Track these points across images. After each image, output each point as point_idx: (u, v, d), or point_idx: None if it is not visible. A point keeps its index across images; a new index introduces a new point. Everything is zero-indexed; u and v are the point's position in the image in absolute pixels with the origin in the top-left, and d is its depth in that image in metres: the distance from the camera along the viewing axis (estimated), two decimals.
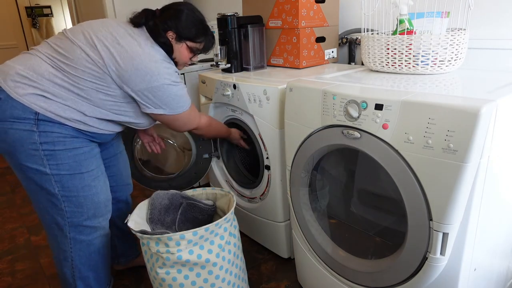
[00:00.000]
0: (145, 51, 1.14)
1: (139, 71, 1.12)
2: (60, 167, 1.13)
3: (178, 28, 1.21)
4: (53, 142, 1.11)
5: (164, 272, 1.14)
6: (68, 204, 1.18)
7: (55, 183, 1.14)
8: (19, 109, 1.06)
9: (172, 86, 1.18)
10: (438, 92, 0.94)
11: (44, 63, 1.10)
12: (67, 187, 1.16)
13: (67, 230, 1.21)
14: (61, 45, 1.13)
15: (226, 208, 1.37)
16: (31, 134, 1.08)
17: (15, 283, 1.63)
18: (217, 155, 1.82)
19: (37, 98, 1.08)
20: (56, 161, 1.12)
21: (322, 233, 1.27)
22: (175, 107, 1.22)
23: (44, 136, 1.09)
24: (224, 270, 1.19)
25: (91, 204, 1.21)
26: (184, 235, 1.09)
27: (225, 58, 1.72)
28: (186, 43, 1.24)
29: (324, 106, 1.08)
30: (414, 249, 0.94)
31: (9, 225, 2.14)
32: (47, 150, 1.11)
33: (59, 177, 1.14)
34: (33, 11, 4.52)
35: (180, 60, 1.27)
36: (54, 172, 1.13)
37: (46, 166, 1.12)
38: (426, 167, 0.86)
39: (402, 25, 1.17)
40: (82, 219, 1.21)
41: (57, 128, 1.10)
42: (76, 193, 1.17)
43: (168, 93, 1.18)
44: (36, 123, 1.08)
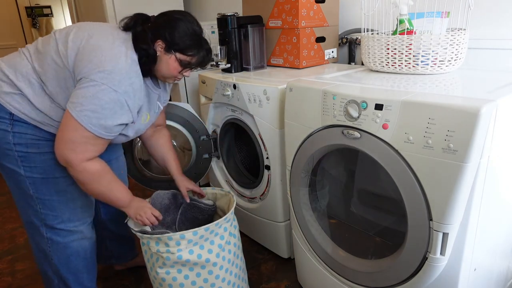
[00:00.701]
0: (112, 50, 1.03)
1: (91, 64, 1.00)
2: (33, 170, 1.10)
3: (168, 38, 1.08)
4: (26, 144, 1.08)
5: (164, 272, 1.14)
6: (42, 207, 1.15)
7: (29, 185, 1.12)
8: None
9: (109, 92, 0.99)
10: (438, 92, 0.94)
11: (25, 61, 1.07)
12: (40, 190, 1.13)
13: (43, 231, 1.19)
14: (44, 41, 1.09)
15: (226, 208, 1.37)
16: (6, 134, 1.06)
17: (15, 283, 1.63)
18: (217, 155, 1.82)
19: (13, 98, 1.05)
20: (29, 163, 1.10)
21: (322, 233, 1.27)
22: (79, 109, 0.99)
23: (18, 137, 1.07)
24: (224, 270, 1.19)
25: (65, 209, 1.18)
26: (184, 235, 1.09)
27: (225, 58, 1.72)
28: (176, 54, 1.10)
29: (324, 106, 1.08)
30: (414, 249, 0.94)
31: (9, 225, 2.14)
32: (21, 152, 1.08)
33: (33, 180, 1.12)
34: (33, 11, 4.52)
35: (167, 72, 1.13)
36: (27, 174, 1.11)
37: (20, 167, 1.10)
38: (426, 167, 0.86)
39: (402, 25, 1.17)
40: (56, 222, 1.18)
41: (31, 130, 1.08)
42: (49, 197, 1.14)
43: (95, 94, 0.99)
44: (11, 123, 1.06)
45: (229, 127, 1.72)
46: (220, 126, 1.74)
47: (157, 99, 1.24)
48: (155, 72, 1.14)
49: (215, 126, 1.78)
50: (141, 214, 1.20)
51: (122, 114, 1.04)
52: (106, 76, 0.99)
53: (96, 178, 1.08)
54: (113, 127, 1.04)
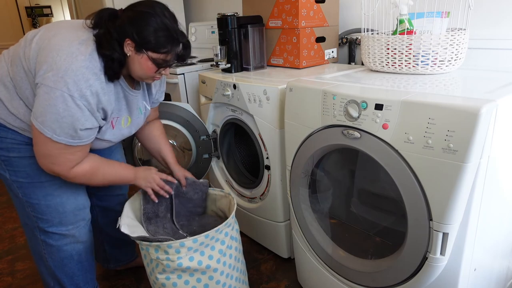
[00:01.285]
0: (70, 48, 0.94)
1: (46, 64, 0.93)
2: (18, 174, 1.09)
3: (137, 36, 0.96)
4: (7, 148, 1.06)
5: (164, 278, 1.13)
6: (32, 210, 1.14)
7: (17, 189, 1.11)
8: None
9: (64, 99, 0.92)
10: (438, 92, 0.94)
11: (2, 63, 1.04)
12: (28, 194, 1.11)
13: (38, 233, 1.18)
14: (18, 42, 1.05)
15: (227, 210, 1.36)
16: None
17: (15, 283, 1.63)
18: (217, 155, 1.82)
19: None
20: (13, 167, 1.08)
21: (322, 233, 1.26)
22: (41, 121, 0.94)
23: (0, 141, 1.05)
24: (225, 275, 1.18)
25: (55, 213, 1.15)
26: (184, 242, 1.07)
27: (225, 58, 1.72)
28: (148, 54, 0.99)
29: (324, 106, 1.08)
30: (414, 249, 0.94)
31: (9, 225, 2.14)
32: (3, 156, 1.07)
33: (19, 184, 1.10)
34: (33, 11, 4.52)
35: (141, 73, 1.03)
36: (13, 178, 1.09)
37: (5, 171, 1.09)
38: (426, 167, 0.86)
39: (402, 25, 1.17)
40: (47, 226, 1.16)
41: (11, 134, 1.05)
42: (37, 201, 1.12)
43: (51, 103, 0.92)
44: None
45: (229, 127, 1.72)
46: (220, 126, 1.73)
47: (142, 100, 1.19)
48: (131, 74, 1.05)
49: (215, 126, 1.78)
50: (151, 182, 1.22)
51: (86, 120, 0.97)
52: (59, 80, 0.91)
53: (90, 176, 1.07)
54: (80, 133, 0.98)
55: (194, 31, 2.64)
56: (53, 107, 0.92)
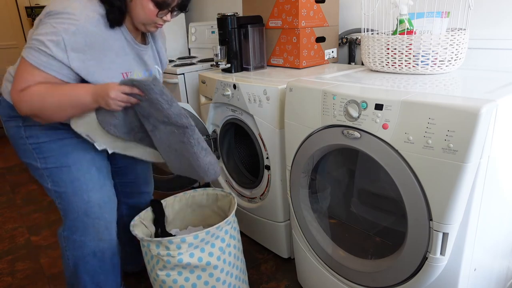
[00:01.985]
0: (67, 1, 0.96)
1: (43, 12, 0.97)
2: (47, 160, 1.11)
3: None
4: (37, 135, 1.10)
5: (165, 274, 1.13)
6: (60, 201, 1.15)
7: (47, 178, 1.13)
8: (9, 108, 1.08)
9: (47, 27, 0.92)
10: (438, 92, 0.94)
11: None
12: (56, 181, 1.12)
13: (62, 227, 1.19)
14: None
15: (227, 209, 1.37)
16: (19, 130, 1.10)
17: (15, 283, 1.63)
18: (217, 155, 1.82)
19: None
20: (43, 153, 1.11)
21: (322, 233, 1.27)
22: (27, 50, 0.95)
23: (29, 130, 1.10)
24: (225, 272, 1.19)
25: (81, 202, 1.12)
26: (185, 238, 1.08)
27: (225, 58, 1.72)
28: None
29: (324, 106, 1.08)
30: (414, 249, 0.94)
31: (9, 225, 2.14)
32: (34, 144, 1.10)
33: (49, 171, 1.12)
34: (33, 11, 4.52)
35: (145, 19, 1.02)
36: (43, 166, 1.12)
37: (37, 160, 1.12)
38: (426, 167, 0.86)
39: (402, 25, 1.17)
40: (73, 217, 1.14)
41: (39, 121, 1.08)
42: (65, 188, 1.12)
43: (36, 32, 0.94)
44: (22, 118, 1.09)
45: (229, 127, 1.72)
46: (220, 126, 1.74)
47: (154, 64, 1.20)
48: (133, 21, 1.04)
49: (215, 126, 1.78)
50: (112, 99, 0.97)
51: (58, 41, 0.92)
52: (52, 16, 0.93)
53: (40, 99, 0.95)
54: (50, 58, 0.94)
55: (194, 31, 2.64)
56: (41, 30, 0.93)
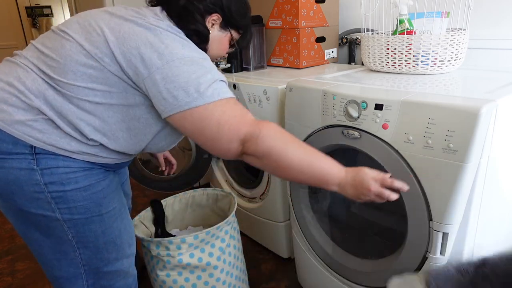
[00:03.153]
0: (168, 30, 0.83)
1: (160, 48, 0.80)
2: (73, 210, 0.87)
3: (227, 11, 0.90)
4: (61, 181, 0.84)
5: (165, 275, 1.13)
6: (83, 251, 0.93)
7: (68, 229, 0.89)
8: (8, 142, 0.80)
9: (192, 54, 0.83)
10: (438, 92, 0.94)
11: (31, 73, 0.82)
12: (82, 232, 0.91)
13: (84, 279, 0.97)
14: (47, 42, 0.85)
15: (227, 209, 1.37)
16: (31, 174, 0.82)
17: (15, 283, 1.63)
18: None
19: (31, 127, 0.81)
20: (68, 204, 0.86)
21: (322, 233, 1.27)
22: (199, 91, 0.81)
23: (48, 175, 0.83)
24: (225, 272, 1.18)
25: (112, 249, 0.96)
26: (185, 238, 1.08)
27: (225, 58, 1.72)
28: (231, 31, 0.94)
29: (324, 106, 1.08)
30: (414, 249, 0.94)
31: (9, 225, 2.14)
32: (55, 192, 0.84)
33: (73, 223, 0.89)
34: (33, 11, 4.52)
35: (216, 52, 0.96)
36: (66, 217, 0.87)
37: (55, 211, 0.86)
38: (426, 167, 0.86)
39: (402, 25, 1.17)
40: (102, 265, 0.96)
41: (62, 161, 0.84)
42: (94, 238, 0.92)
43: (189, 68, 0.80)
44: (34, 158, 0.81)
45: None
46: None
47: None
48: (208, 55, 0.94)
49: None
50: (366, 194, 0.82)
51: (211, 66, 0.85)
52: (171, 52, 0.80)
53: (283, 136, 0.83)
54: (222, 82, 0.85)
55: None
56: (196, 70, 0.80)
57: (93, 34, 0.82)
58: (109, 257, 0.96)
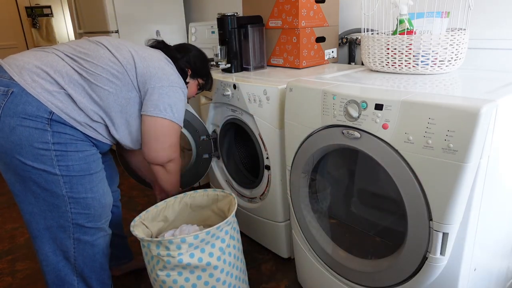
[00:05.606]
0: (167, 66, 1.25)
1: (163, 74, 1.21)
2: (70, 168, 1.10)
3: (195, 65, 1.38)
4: (65, 143, 1.08)
5: (165, 275, 1.13)
6: (74, 206, 1.14)
7: (63, 184, 1.11)
8: (33, 105, 1.02)
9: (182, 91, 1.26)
10: (438, 92, 0.94)
11: (62, 61, 1.08)
12: (75, 188, 1.13)
13: (71, 231, 1.17)
14: (83, 45, 1.15)
15: (227, 210, 1.37)
16: (44, 134, 1.04)
17: (15, 283, 1.63)
18: (217, 155, 1.82)
19: (55, 96, 1.05)
20: (66, 162, 1.09)
21: (322, 233, 1.27)
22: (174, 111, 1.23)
23: (58, 137, 1.06)
24: (225, 272, 1.18)
25: (98, 205, 1.19)
26: (185, 238, 1.08)
27: (225, 58, 1.72)
28: (198, 80, 1.42)
29: (324, 106, 1.08)
30: (414, 249, 0.94)
31: (9, 225, 2.14)
32: (59, 151, 1.07)
33: (69, 178, 1.11)
34: (33, 11, 4.52)
35: (189, 94, 1.42)
36: (63, 173, 1.10)
37: (55, 167, 1.08)
38: (426, 167, 0.86)
39: (402, 25, 1.17)
40: (87, 221, 1.18)
41: (69, 130, 1.09)
42: (84, 194, 1.15)
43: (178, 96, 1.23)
44: (49, 123, 1.04)
45: (229, 127, 1.72)
46: (220, 126, 1.74)
47: None
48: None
49: (215, 126, 1.78)
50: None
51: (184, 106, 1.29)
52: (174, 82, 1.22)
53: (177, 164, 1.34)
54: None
55: (194, 31, 2.63)
56: (181, 101, 1.24)
57: (122, 49, 1.18)
58: (94, 213, 1.19)
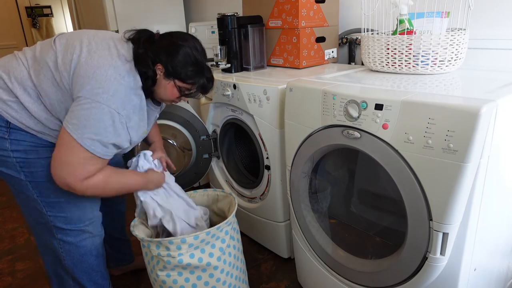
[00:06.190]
0: (116, 69, 1.00)
1: (94, 81, 0.97)
2: (34, 174, 1.07)
3: (168, 64, 1.04)
4: (25, 150, 1.04)
5: (165, 275, 1.13)
6: (49, 209, 1.12)
7: (32, 189, 1.09)
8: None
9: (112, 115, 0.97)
10: (438, 92, 0.94)
11: (21, 66, 1.03)
12: (45, 193, 1.09)
13: (53, 232, 1.16)
14: (42, 49, 1.04)
15: (227, 210, 1.37)
16: (3, 141, 1.03)
17: (15, 283, 1.63)
18: (217, 155, 1.82)
19: (10, 106, 1.01)
20: (29, 168, 1.06)
21: (322, 233, 1.27)
22: (81, 132, 0.96)
23: (16, 144, 1.03)
24: (225, 273, 1.18)
25: (74, 208, 1.15)
26: (185, 238, 1.08)
27: (225, 58, 1.72)
28: (175, 81, 1.07)
29: (324, 106, 1.08)
30: (414, 249, 0.94)
31: (9, 225, 2.14)
32: (19, 158, 1.05)
33: (35, 184, 1.08)
34: (33, 11, 4.52)
35: (164, 96, 1.11)
36: (29, 179, 1.07)
37: (20, 173, 1.06)
38: (426, 167, 0.86)
39: (402, 25, 1.17)
40: (66, 223, 1.15)
41: (29, 137, 1.04)
42: (56, 199, 1.11)
43: (98, 117, 0.96)
44: (8, 131, 1.02)
45: (229, 127, 1.72)
46: (220, 126, 1.74)
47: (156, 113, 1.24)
48: (154, 95, 1.11)
49: (215, 126, 1.78)
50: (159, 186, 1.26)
51: (123, 135, 1.02)
52: (109, 98, 0.96)
53: (103, 187, 1.05)
54: (111, 148, 1.02)
55: (194, 31, 2.64)
56: (99, 122, 0.96)
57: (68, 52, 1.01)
58: (71, 217, 1.15)
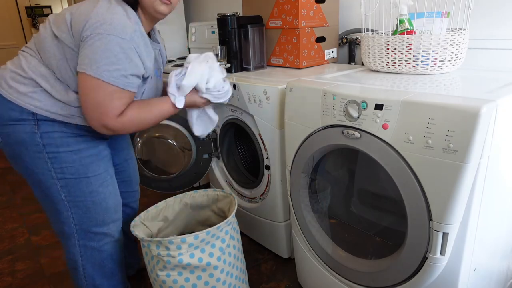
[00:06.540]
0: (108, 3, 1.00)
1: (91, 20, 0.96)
2: (65, 170, 1.08)
3: None
4: (55, 143, 1.05)
5: (165, 275, 1.13)
6: (75, 210, 1.13)
7: (60, 188, 1.10)
8: (16, 110, 1.02)
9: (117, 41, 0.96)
10: (438, 92, 0.94)
11: (29, 57, 1.05)
12: (73, 192, 1.11)
13: (75, 238, 1.16)
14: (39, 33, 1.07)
15: (227, 210, 1.37)
16: (33, 136, 1.04)
17: (15, 283, 1.63)
18: (217, 155, 1.82)
19: (31, 97, 1.02)
20: (60, 164, 1.07)
21: (322, 233, 1.27)
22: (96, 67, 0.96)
23: (46, 137, 1.04)
24: (225, 272, 1.18)
25: (99, 209, 1.16)
26: (185, 238, 1.08)
27: (225, 58, 1.72)
28: None
29: (324, 106, 1.08)
30: (414, 249, 0.94)
31: (9, 225, 2.14)
32: (51, 153, 1.05)
33: (65, 182, 1.09)
34: (33, 11, 4.53)
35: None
36: (59, 176, 1.08)
37: (51, 169, 1.07)
38: (426, 167, 0.86)
39: (402, 25, 1.17)
40: (91, 225, 1.16)
41: (58, 127, 1.05)
42: (83, 198, 1.12)
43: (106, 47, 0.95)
44: (36, 124, 1.03)
45: (229, 127, 1.72)
46: (220, 126, 1.74)
47: (159, 57, 1.21)
48: (144, 5, 1.05)
49: (215, 126, 1.78)
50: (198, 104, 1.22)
51: (135, 59, 1.01)
52: (109, 27, 0.95)
53: (139, 121, 1.06)
54: (131, 78, 1.01)
55: (194, 31, 2.64)
56: (108, 51, 0.95)
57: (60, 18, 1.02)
58: (97, 217, 1.16)
